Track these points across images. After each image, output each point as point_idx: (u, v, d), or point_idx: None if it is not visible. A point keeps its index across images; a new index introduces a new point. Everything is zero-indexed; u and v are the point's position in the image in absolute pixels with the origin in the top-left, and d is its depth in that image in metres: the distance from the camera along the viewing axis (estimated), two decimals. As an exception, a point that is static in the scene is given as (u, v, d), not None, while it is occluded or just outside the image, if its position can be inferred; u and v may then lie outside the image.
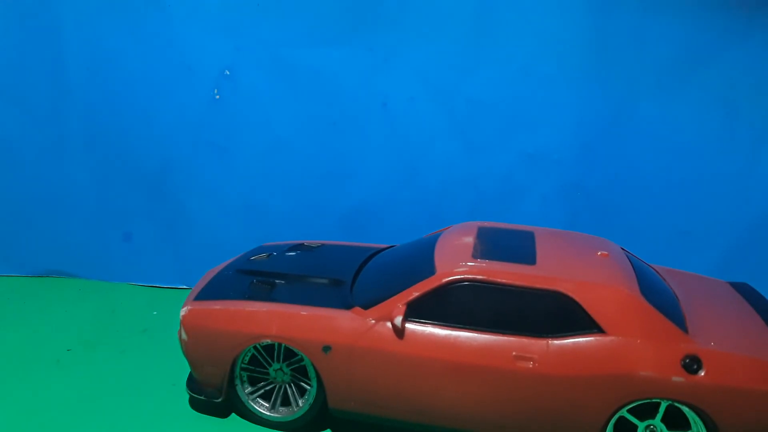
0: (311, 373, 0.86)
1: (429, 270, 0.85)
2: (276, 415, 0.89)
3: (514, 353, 0.78)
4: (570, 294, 0.79)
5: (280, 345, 0.86)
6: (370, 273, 0.95)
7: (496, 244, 0.89)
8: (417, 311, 0.82)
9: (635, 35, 1.17)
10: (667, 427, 0.79)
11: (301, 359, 0.86)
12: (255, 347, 0.87)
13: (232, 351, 0.86)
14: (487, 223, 0.99)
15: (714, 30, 1.15)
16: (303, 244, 1.09)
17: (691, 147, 1.19)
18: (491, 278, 0.81)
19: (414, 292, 0.82)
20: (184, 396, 0.95)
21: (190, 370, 0.93)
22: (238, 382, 0.89)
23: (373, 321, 0.83)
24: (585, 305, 0.78)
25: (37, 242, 1.33)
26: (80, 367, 1.01)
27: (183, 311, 0.89)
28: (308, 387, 0.87)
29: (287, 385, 0.89)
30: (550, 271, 0.82)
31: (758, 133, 1.17)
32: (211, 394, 0.89)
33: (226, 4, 1.20)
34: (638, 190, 1.21)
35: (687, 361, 0.76)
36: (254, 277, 0.96)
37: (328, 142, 1.25)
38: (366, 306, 0.85)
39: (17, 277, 1.35)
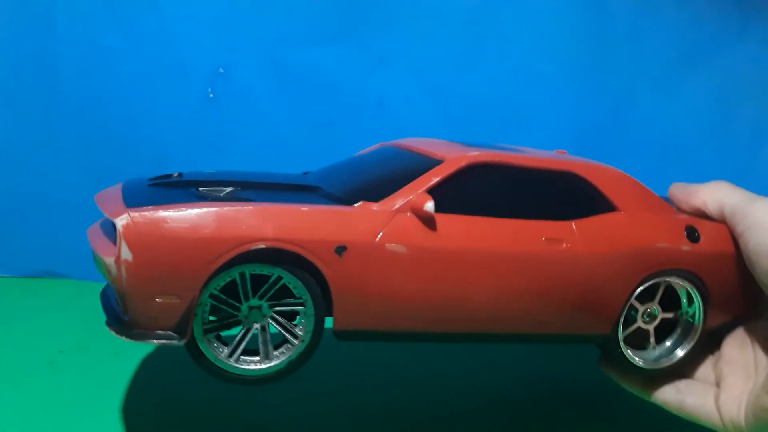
0: (306, 295, 0.68)
1: (432, 161, 0.76)
2: (260, 366, 0.70)
3: (544, 237, 0.74)
4: (583, 175, 0.80)
5: (257, 273, 0.67)
6: (341, 178, 0.82)
7: (472, 143, 0.86)
8: (437, 201, 0.70)
9: (632, 34, 1.17)
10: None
11: (281, 288, 0.68)
12: (239, 272, 0.67)
13: (206, 268, 0.64)
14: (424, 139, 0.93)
15: (710, 29, 1.15)
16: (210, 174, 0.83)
17: (688, 145, 1.19)
18: (508, 161, 0.77)
19: (432, 178, 0.72)
20: (179, 398, 0.94)
21: (116, 309, 0.70)
22: (198, 316, 0.67)
23: (395, 210, 0.69)
24: (598, 186, 0.80)
25: (29, 243, 1.32)
26: (73, 369, 1.00)
27: (120, 221, 0.64)
28: (297, 324, 0.70)
29: (259, 329, 0.69)
30: (548, 156, 0.82)
31: (755, 131, 1.17)
32: (166, 335, 0.65)
33: (220, 2, 1.20)
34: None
35: (689, 231, 0.80)
36: (192, 187, 0.75)
37: (324, 141, 1.25)
38: (376, 199, 0.71)
39: (9, 278, 1.33)
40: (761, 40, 1.15)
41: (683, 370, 0.81)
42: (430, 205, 0.68)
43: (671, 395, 0.78)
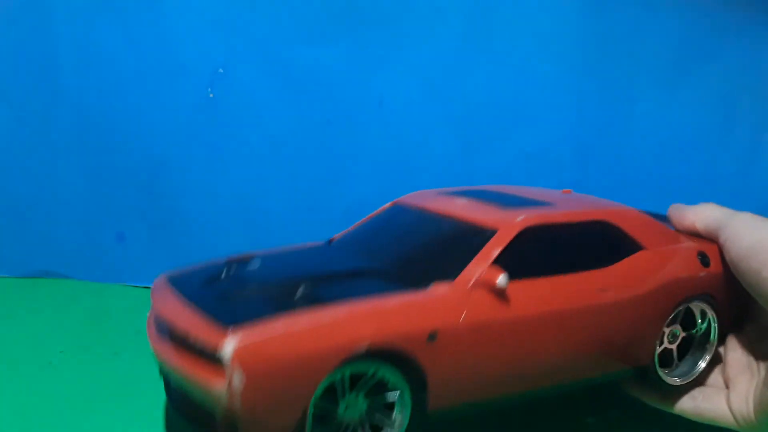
0: (403, 384, 0.69)
1: (483, 230, 0.78)
2: None
3: (596, 288, 0.78)
4: (612, 221, 0.84)
5: (348, 375, 0.67)
6: (388, 253, 0.84)
7: (503, 198, 0.88)
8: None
9: (632, 34, 1.16)
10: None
11: (379, 382, 0.69)
12: (340, 373, 0.66)
13: (316, 379, 0.63)
14: (445, 189, 0.96)
15: (710, 28, 1.15)
16: (232, 260, 0.82)
17: (689, 145, 1.19)
18: (551, 221, 0.80)
19: (494, 250, 0.75)
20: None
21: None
22: (309, 426, 0.66)
23: (470, 288, 0.71)
24: (624, 228, 0.84)
25: (29, 243, 1.32)
26: (73, 368, 1.00)
27: (229, 345, 0.60)
28: (392, 412, 0.70)
29: (359, 426, 0.69)
30: (577, 206, 0.86)
31: (756, 130, 1.17)
32: None
33: (220, 2, 1.20)
34: (636, 189, 1.20)
35: (701, 257, 0.86)
36: (251, 290, 0.73)
37: (324, 141, 1.25)
38: (444, 278, 0.73)
39: (9, 278, 1.33)
40: (762, 39, 1.15)
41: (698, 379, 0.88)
42: (503, 280, 0.71)
43: (688, 403, 0.85)
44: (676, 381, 0.85)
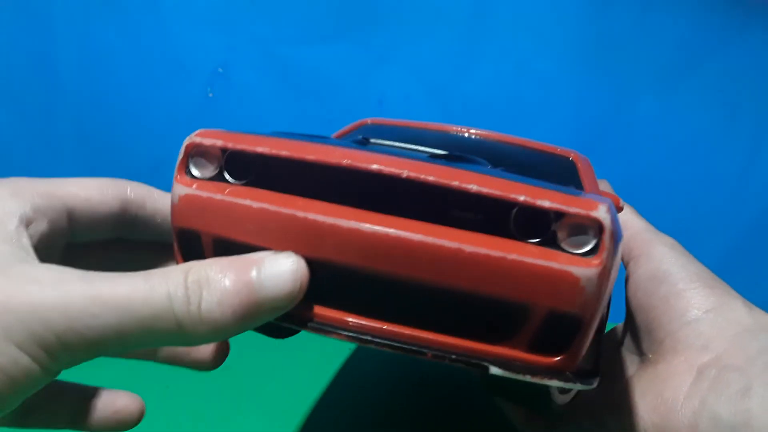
0: None
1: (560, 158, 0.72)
2: None
3: None
4: None
5: None
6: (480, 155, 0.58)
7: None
8: None
9: (634, 32, 1.16)
10: None
11: None
12: None
13: None
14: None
15: (713, 27, 1.15)
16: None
17: (690, 145, 1.19)
18: None
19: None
20: (177, 397, 0.93)
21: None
22: None
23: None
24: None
25: (28, 243, 1.32)
26: (73, 368, 1.00)
27: (602, 213, 0.42)
28: None
29: None
30: None
31: (758, 131, 1.17)
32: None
33: (220, 1, 1.19)
34: (636, 189, 1.20)
35: None
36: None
37: (324, 140, 1.24)
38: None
39: (9, 278, 1.33)
40: (765, 39, 1.15)
41: None
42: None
43: None
44: None
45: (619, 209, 0.59)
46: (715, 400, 0.48)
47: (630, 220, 0.70)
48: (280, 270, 0.43)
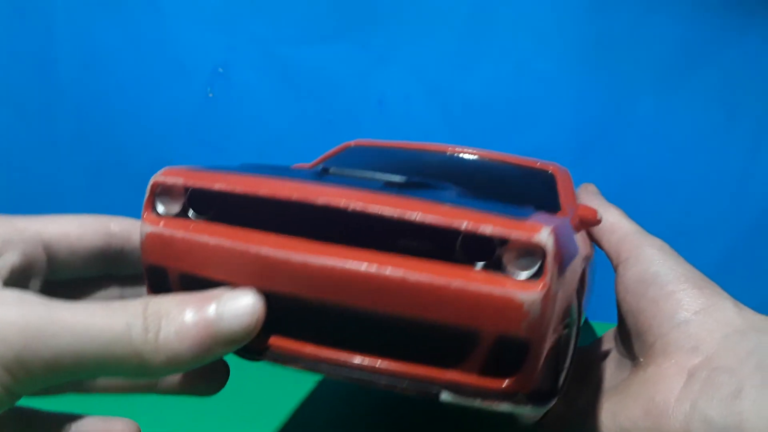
0: None
1: (536, 172, 0.73)
2: None
3: None
4: None
5: None
6: (451, 184, 0.57)
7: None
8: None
9: (633, 33, 1.16)
10: None
11: None
12: None
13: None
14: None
15: (712, 28, 1.15)
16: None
17: (690, 146, 1.19)
18: None
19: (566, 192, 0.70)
20: (177, 397, 0.93)
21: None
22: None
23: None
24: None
25: (28, 242, 1.32)
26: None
27: (545, 237, 0.42)
28: None
29: None
30: None
31: (757, 131, 1.17)
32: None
33: (220, 1, 1.19)
34: (636, 190, 1.20)
35: None
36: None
37: (324, 140, 1.24)
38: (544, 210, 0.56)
39: (9, 278, 1.33)
40: (766, 39, 1.15)
41: None
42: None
43: None
44: None
45: (596, 222, 0.62)
46: (707, 403, 0.48)
47: (618, 222, 0.69)
48: (237, 305, 0.44)
